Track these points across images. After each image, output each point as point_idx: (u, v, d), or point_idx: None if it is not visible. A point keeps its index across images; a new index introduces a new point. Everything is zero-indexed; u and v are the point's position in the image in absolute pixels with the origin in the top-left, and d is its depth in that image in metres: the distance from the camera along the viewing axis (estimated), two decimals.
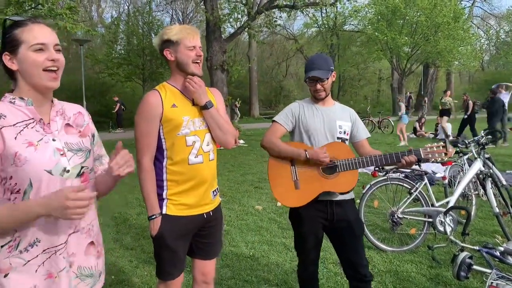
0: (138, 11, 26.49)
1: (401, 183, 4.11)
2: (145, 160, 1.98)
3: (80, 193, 1.23)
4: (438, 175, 6.62)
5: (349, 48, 32.39)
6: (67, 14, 12.56)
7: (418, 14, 22.25)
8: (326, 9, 29.81)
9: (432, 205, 4.03)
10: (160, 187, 2.00)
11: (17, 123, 1.30)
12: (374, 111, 23.86)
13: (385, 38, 22.11)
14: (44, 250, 1.33)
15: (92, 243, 1.46)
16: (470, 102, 13.44)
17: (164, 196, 2.00)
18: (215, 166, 2.12)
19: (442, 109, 13.79)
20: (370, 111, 20.56)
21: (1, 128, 1.26)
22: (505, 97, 12.54)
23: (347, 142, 2.42)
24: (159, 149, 2.00)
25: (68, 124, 1.44)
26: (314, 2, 16.13)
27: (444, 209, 3.86)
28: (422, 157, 2.25)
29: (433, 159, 2.26)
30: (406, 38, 22.39)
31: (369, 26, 25.12)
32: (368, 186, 4.14)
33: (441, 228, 3.90)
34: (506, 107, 12.05)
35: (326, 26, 32.15)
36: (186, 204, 2.01)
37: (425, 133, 14.71)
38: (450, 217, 3.92)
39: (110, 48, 24.74)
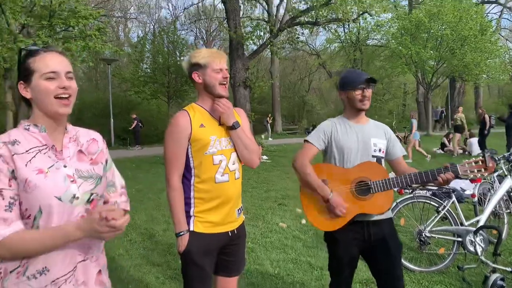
0: (164, 30, 27.25)
1: (428, 201, 4.03)
2: (174, 178, 2.03)
3: (111, 221, 1.24)
4: (467, 192, 6.44)
5: (373, 63, 32.20)
6: (96, 35, 13.03)
7: (443, 27, 21.95)
8: (348, 25, 29.89)
9: (461, 223, 3.94)
10: (187, 204, 2.06)
11: (30, 149, 1.34)
12: (399, 126, 23.53)
13: (409, 52, 21.88)
14: (53, 281, 1.33)
15: (100, 272, 1.47)
16: (487, 116, 13.26)
17: (191, 213, 2.05)
18: (240, 184, 2.16)
19: (455, 125, 13.57)
20: (396, 126, 20.29)
21: (13, 155, 1.29)
22: None
23: (383, 160, 2.38)
24: (187, 167, 2.06)
25: (80, 151, 1.47)
26: (336, 18, 16.20)
27: (474, 228, 3.75)
28: (460, 173, 2.17)
29: (472, 176, 2.17)
30: (431, 51, 22.09)
31: (393, 41, 24.95)
32: (394, 204, 4.08)
33: (472, 248, 3.79)
34: None
35: (349, 41, 32.13)
36: (212, 221, 2.05)
37: (456, 148, 14.38)
38: (481, 237, 3.81)
39: (136, 66, 25.47)
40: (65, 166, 1.38)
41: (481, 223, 3.93)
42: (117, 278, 3.70)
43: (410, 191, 4.13)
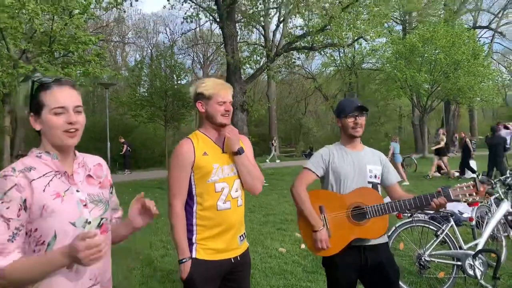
0: (161, 54, 27.59)
1: (427, 225, 4.06)
2: (177, 204, 2.06)
3: (89, 241, 1.25)
4: (465, 215, 6.46)
5: (368, 86, 32.65)
6: (95, 60, 13.21)
7: (437, 52, 22.40)
8: (344, 49, 30.45)
9: (460, 247, 3.95)
10: (190, 231, 2.07)
11: (46, 173, 1.38)
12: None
13: (404, 76, 22.24)
14: None
15: None
16: (468, 140, 13.60)
17: (193, 240, 2.07)
18: (242, 211, 2.20)
19: (439, 148, 13.74)
20: None
21: (32, 181, 1.33)
22: (506, 135, 12.62)
23: (379, 186, 2.45)
24: (190, 194, 2.08)
25: (89, 175, 1.52)
26: (331, 43, 16.54)
27: (473, 252, 3.77)
28: (452, 198, 2.23)
29: (464, 200, 2.23)
30: (426, 75, 22.47)
31: (388, 65, 25.40)
32: (393, 228, 4.10)
33: (471, 272, 3.79)
34: (508, 145, 11.94)
35: (345, 65, 32.64)
36: (214, 248, 2.07)
37: (450, 171, 14.45)
38: (480, 260, 3.82)
39: (133, 90, 25.64)
40: (77, 191, 1.43)
41: (479, 247, 3.94)
42: None
43: (409, 215, 4.16)
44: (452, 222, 4.09)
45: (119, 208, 1.68)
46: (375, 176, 2.42)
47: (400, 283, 3.89)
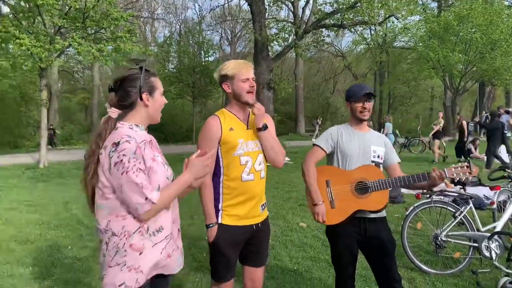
0: (190, 31, 27.72)
1: (445, 206, 4.13)
2: (206, 176, 2.26)
3: (205, 156, 1.86)
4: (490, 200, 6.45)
5: (399, 65, 31.80)
6: (126, 37, 13.49)
7: (473, 30, 21.54)
8: (375, 27, 29.68)
9: (478, 229, 4.03)
10: (216, 199, 2.30)
11: (141, 141, 1.75)
12: (425, 130, 23.20)
13: (437, 56, 21.56)
14: (166, 237, 1.79)
15: (179, 229, 1.97)
16: (464, 123, 13.27)
17: (220, 207, 2.29)
18: (264, 183, 2.39)
19: (435, 132, 13.51)
20: (421, 131, 20.04)
21: (140, 147, 1.71)
22: (504, 119, 12.25)
23: (381, 166, 2.63)
24: (217, 166, 2.30)
25: (155, 145, 1.87)
26: (362, 21, 16.20)
27: (489, 234, 3.84)
28: (447, 176, 2.44)
29: (458, 178, 2.44)
30: (460, 55, 21.71)
31: (420, 44, 24.62)
32: (412, 208, 4.21)
33: (487, 253, 3.88)
34: (506, 130, 11.61)
35: (376, 43, 31.84)
36: (238, 215, 2.29)
37: (481, 155, 14.17)
38: (497, 243, 3.89)
39: (162, 66, 26.02)
40: (157, 156, 1.80)
41: (497, 229, 4.01)
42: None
43: (428, 196, 4.25)
44: (471, 205, 4.15)
45: None
46: (378, 156, 2.61)
47: (416, 260, 4.05)
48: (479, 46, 21.51)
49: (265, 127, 2.30)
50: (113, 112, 1.80)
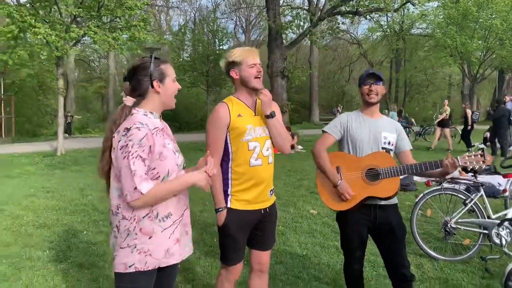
0: (204, 19, 27.67)
1: (456, 193, 4.12)
2: (216, 160, 2.31)
3: (209, 171, 1.87)
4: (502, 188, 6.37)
5: (416, 53, 31.23)
6: (140, 25, 13.57)
7: (493, 16, 21.01)
8: (391, 14, 29.14)
9: (488, 217, 4.01)
10: (225, 184, 2.35)
11: (154, 128, 1.80)
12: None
13: (454, 43, 21.11)
14: (174, 222, 1.85)
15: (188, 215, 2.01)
16: (468, 111, 13.06)
17: (229, 192, 2.34)
18: (272, 168, 2.43)
19: (442, 119, 13.24)
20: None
21: (153, 133, 1.77)
22: (510, 106, 11.96)
23: (392, 152, 2.61)
24: (226, 152, 2.34)
25: (167, 133, 1.93)
26: (377, 8, 15.95)
27: (499, 221, 3.83)
28: (460, 164, 2.38)
29: (471, 167, 2.39)
30: (479, 42, 21.22)
31: (438, 30, 24.11)
32: (421, 195, 4.20)
33: (497, 240, 3.86)
34: None
35: (392, 30, 31.31)
36: (247, 200, 2.33)
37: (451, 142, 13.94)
38: (507, 230, 3.87)
39: (177, 55, 26.08)
40: (168, 143, 1.86)
41: (508, 217, 3.98)
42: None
43: (438, 183, 4.23)
44: (482, 192, 4.13)
45: None
46: (389, 143, 2.58)
47: (425, 247, 4.06)
48: (499, 33, 21.00)
49: (273, 114, 2.33)
50: (128, 100, 1.86)
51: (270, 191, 2.41)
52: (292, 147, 13.62)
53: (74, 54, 24.55)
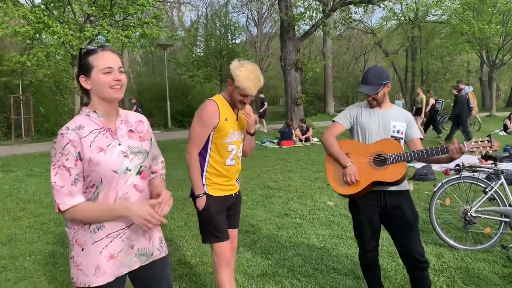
0: (216, 14, 27.67)
1: (475, 182, 4.04)
2: (195, 151, 2.52)
3: (157, 216, 1.60)
4: None
5: (432, 40, 30.57)
6: (153, 22, 13.66)
7: None
8: (405, 1, 28.60)
9: (510, 204, 3.93)
10: (202, 176, 2.55)
11: (92, 130, 1.64)
12: None
13: (472, 29, 20.58)
14: (107, 235, 1.66)
15: (147, 233, 1.79)
16: (432, 100, 12.98)
17: (204, 182, 2.55)
18: (240, 164, 2.68)
19: (416, 108, 12.98)
20: None
21: (81, 138, 1.61)
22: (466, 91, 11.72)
23: (402, 141, 2.65)
24: (206, 148, 2.53)
25: (131, 130, 1.77)
26: None
27: None
28: (466, 149, 2.42)
29: (478, 152, 2.42)
30: (498, 27, 20.63)
31: (454, 17, 23.54)
32: (440, 184, 4.14)
33: None
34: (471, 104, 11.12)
35: (407, 18, 30.71)
36: (220, 188, 2.57)
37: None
38: None
39: (190, 51, 26.18)
40: (119, 144, 1.69)
41: None
42: (177, 246, 4.13)
43: (457, 172, 4.16)
44: (503, 180, 4.04)
45: (159, 158, 1.97)
46: (398, 131, 2.64)
47: (444, 237, 4.01)
48: None
49: (254, 132, 2.64)
50: (86, 99, 1.76)
51: (237, 180, 2.70)
52: (307, 139, 13.57)
53: None
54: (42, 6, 12.25)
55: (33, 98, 18.73)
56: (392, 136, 2.61)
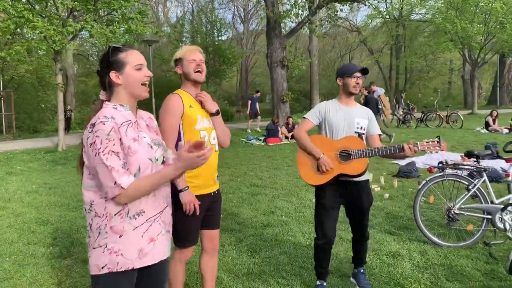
0: (202, 10, 27.51)
1: (458, 179, 4.10)
2: (172, 147, 2.46)
3: (202, 152, 1.63)
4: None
5: (416, 39, 30.95)
6: (138, 18, 13.47)
7: (493, 0, 20.75)
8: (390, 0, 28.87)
9: (492, 202, 3.99)
10: None
11: (123, 122, 1.71)
12: (443, 104, 22.53)
13: (455, 28, 20.88)
14: (147, 220, 1.75)
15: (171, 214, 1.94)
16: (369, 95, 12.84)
17: (182, 178, 2.46)
18: (217, 156, 2.64)
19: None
20: (438, 105, 19.68)
21: (118, 127, 1.67)
22: (379, 93, 12.02)
23: (363, 136, 3.00)
24: (179, 140, 2.50)
25: (147, 125, 1.87)
26: None
27: (502, 206, 3.81)
28: (419, 149, 2.77)
29: (429, 151, 2.78)
30: (480, 26, 20.97)
31: (438, 15, 23.85)
32: (424, 181, 4.18)
33: (501, 225, 3.86)
34: (380, 106, 11.41)
35: (391, 17, 31.01)
36: (198, 186, 2.50)
37: (499, 127, 13.87)
38: (511, 214, 3.86)
39: (175, 47, 25.94)
40: (144, 137, 1.77)
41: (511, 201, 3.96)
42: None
43: (441, 169, 4.21)
44: (485, 177, 4.10)
45: (169, 153, 2.00)
46: (361, 128, 2.99)
47: (428, 234, 4.06)
48: (499, 16, 20.76)
49: (217, 112, 2.61)
50: (102, 95, 1.80)
51: (217, 177, 2.65)
52: (293, 136, 13.59)
53: (73, 48, 24.45)
54: (23, 0, 11.96)
55: (15, 94, 18.34)
56: (355, 132, 2.94)
